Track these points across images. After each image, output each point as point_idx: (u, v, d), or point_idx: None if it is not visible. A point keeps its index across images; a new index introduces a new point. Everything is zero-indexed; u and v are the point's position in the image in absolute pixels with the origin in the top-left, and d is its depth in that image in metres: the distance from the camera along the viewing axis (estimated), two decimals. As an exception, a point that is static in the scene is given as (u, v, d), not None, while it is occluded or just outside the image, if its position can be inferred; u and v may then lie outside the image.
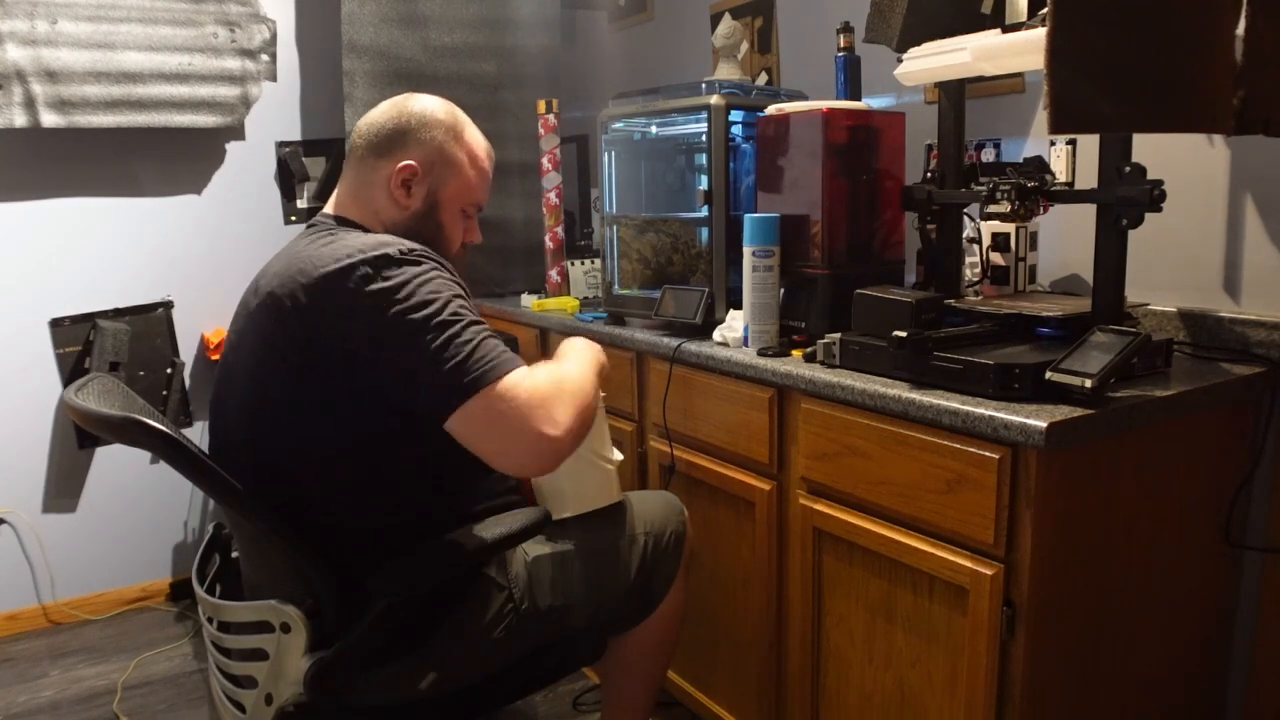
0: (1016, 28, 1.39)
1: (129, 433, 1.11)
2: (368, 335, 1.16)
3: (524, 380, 1.16)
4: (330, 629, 1.19)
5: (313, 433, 1.21)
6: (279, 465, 1.23)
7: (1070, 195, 1.50)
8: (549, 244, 2.54)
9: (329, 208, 1.40)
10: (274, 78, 2.79)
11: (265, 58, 2.75)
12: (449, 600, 1.30)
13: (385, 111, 1.38)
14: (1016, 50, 1.35)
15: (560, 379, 1.22)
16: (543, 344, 2.37)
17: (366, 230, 1.35)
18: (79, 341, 2.66)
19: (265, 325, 1.22)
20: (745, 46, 2.49)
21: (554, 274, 2.54)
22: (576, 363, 1.34)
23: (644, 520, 1.52)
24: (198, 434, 2.85)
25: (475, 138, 1.42)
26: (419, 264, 1.20)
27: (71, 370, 2.66)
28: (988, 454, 1.22)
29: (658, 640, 1.55)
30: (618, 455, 1.54)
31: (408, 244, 1.23)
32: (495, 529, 1.29)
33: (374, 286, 1.15)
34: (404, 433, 1.23)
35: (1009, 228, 1.61)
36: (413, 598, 1.23)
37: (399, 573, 1.21)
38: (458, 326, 1.15)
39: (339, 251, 1.20)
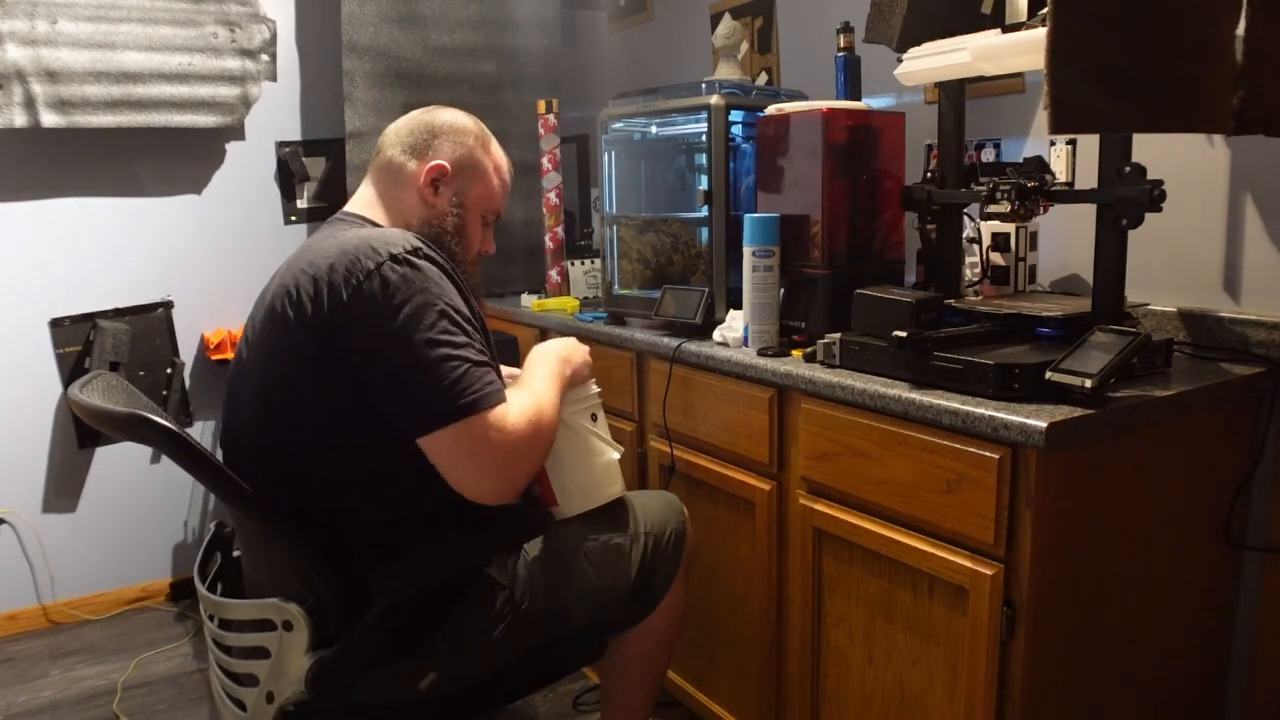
0: (1016, 28, 1.39)
1: (135, 429, 1.11)
2: (360, 332, 1.17)
3: (504, 420, 1.19)
4: (332, 628, 1.19)
5: (322, 424, 1.21)
6: (290, 458, 1.23)
7: (1070, 195, 1.50)
8: (549, 244, 2.55)
9: (350, 206, 1.41)
10: (274, 78, 2.79)
11: (265, 58, 2.75)
12: (449, 600, 1.30)
13: (416, 118, 1.42)
14: (1016, 50, 1.36)
15: (537, 423, 1.24)
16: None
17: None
18: (79, 341, 2.66)
19: (276, 318, 1.23)
20: (745, 46, 2.49)
21: (554, 274, 2.55)
22: (545, 389, 1.34)
23: (644, 520, 1.52)
24: (198, 433, 2.85)
25: (500, 151, 1.48)
26: (418, 267, 1.20)
27: (71, 370, 2.66)
28: (988, 454, 1.22)
29: (658, 640, 1.55)
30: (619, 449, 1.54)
31: (413, 242, 1.23)
32: (496, 529, 1.29)
33: (370, 285, 1.16)
34: None
35: (1009, 228, 1.61)
36: (414, 597, 1.23)
37: (400, 572, 1.21)
38: (446, 348, 1.16)
39: (345, 243, 1.21)
